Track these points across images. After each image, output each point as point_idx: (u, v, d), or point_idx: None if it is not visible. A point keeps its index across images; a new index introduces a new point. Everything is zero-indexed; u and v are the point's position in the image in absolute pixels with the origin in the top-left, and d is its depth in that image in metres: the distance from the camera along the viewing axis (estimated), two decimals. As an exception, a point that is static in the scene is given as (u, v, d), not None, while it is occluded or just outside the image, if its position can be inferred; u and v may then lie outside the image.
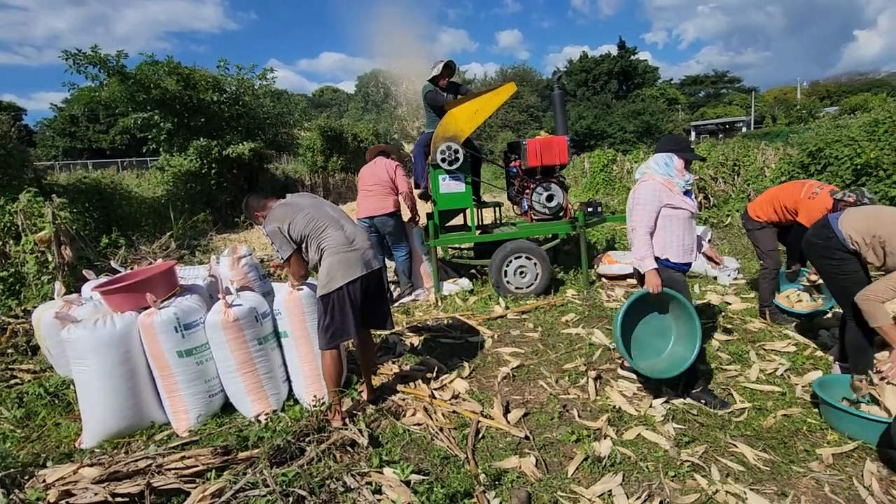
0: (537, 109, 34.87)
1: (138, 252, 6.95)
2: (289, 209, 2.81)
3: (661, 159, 2.85)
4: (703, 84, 56.45)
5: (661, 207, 2.79)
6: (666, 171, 2.82)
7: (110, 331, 2.72)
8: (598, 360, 3.54)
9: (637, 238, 2.80)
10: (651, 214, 2.79)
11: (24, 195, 5.42)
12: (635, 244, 2.81)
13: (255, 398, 2.92)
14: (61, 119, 33.40)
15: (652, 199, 2.78)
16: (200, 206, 10.91)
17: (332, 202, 3.08)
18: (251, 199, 2.97)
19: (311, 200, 2.93)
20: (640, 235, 2.78)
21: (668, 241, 2.82)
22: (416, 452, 2.56)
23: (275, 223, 2.75)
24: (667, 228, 2.81)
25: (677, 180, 2.81)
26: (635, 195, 2.85)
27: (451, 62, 5.23)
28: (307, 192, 3.20)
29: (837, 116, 10.94)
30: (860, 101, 31.56)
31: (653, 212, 2.79)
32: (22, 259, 5.05)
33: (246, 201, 2.98)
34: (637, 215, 2.81)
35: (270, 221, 2.78)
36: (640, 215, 2.80)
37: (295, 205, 2.85)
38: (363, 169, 5.15)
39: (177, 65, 11.12)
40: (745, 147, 10.42)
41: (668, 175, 2.81)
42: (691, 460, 2.36)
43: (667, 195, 2.79)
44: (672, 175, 2.81)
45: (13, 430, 2.99)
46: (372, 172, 5.02)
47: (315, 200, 2.95)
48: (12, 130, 8.01)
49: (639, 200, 2.82)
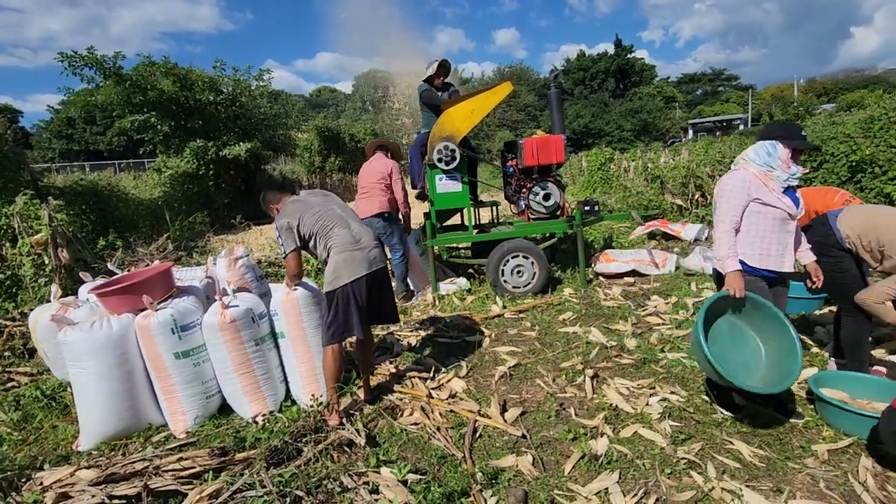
0: (535, 108, 34.86)
1: (135, 254, 6.94)
2: (300, 206, 2.90)
3: (763, 148, 2.50)
4: (700, 82, 56.59)
5: (750, 202, 2.46)
6: (765, 162, 2.48)
7: (107, 333, 2.72)
8: (595, 358, 3.55)
9: (719, 234, 2.47)
10: (736, 209, 2.45)
11: (21, 197, 5.41)
12: (717, 241, 2.50)
13: (252, 399, 2.92)
14: (58, 121, 33.35)
15: (739, 192, 2.46)
16: (197, 208, 10.90)
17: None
18: (268, 194, 3.15)
19: (321, 199, 3.01)
20: (722, 231, 2.47)
21: (748, 241, 2.49)
22: (413, 452, 2.56)
23: (285, 218, 2.85)
24: (750, 227, 2.49)
25: (779, 173, 2.46)
26: (721, 186, 2.54)
27: (445, 61, 5.23)
28: (319, 190, 3.29)
29: (834, 113, 10.98)
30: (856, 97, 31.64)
31: (738, 206, 2.45)
32: (18, 262, 5.04)
33: (263, 195, 3.16)
34: (720, 209, 2.49)
35: (282, 216, 2.88)
36: (723, 209, 2.48)
37: (306, 202, 2.94)
38: (363, 167, 5.07)
39: (173, 65, 11.11)
40: (743, 145, 10.47)
41: (768, 166, 2.47)
42: (687, 457, 2.36)
43: (758, 189, 2.45)
44: (773, 166, 2.46)
45: (10, 432, 2.98)
46: (370, 171, 4.96)
47: (325, 199, 3.03)
48: (8, 133, 8.00)
49: (723, 192, 2.50)
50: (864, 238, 2.74)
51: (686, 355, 3.44)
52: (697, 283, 5.04)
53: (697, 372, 3.23)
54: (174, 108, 11.08)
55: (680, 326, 3.99)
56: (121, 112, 11.14)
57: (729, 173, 2.57)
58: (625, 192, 10.35)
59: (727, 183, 2.51)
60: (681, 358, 3.41)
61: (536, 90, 35.44)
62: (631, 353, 3.56)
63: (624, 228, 8.04)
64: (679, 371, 3.26)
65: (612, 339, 3.83)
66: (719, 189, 2.55)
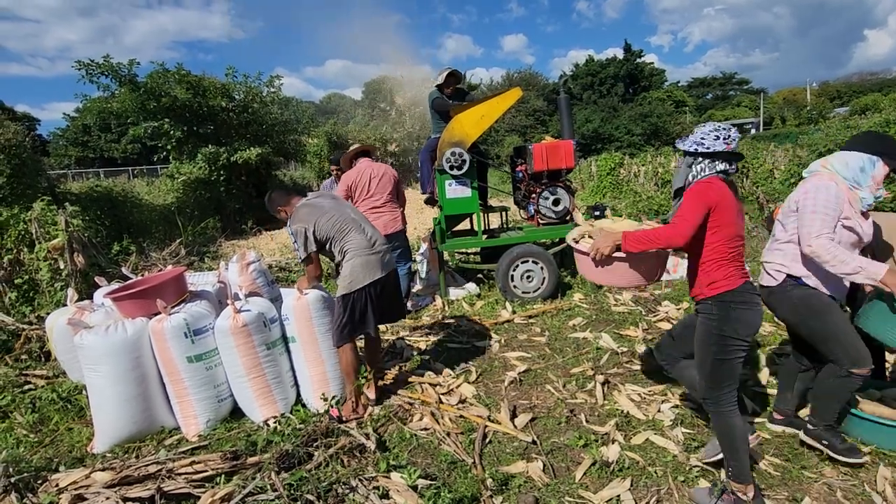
0: (543, 113, 34.77)
1: (149, 259, 7.03)
2: (313, 211, 2.90)
3: (858, 161, 2.19)
4: (710, 86, 56.19)
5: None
6: (854, 177, 2.18)
7: (122, 336, 2.75)
8: (606, 364, 3.52)
9: (826, 250, 2.07)
10: (831, 225, 2.13)
11: (38, 203, 5.52)
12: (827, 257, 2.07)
13: (263, 403, 2.94)
14: (74, 129, 33.99)
15: (835, 207, 2.14)
16: (209, 213, 11.03)
17: None
18: (275, 194, 3.08)
19: (332, 202, 3.02)
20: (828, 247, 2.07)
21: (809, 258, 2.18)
22: (423, 457, 2.56)
23: (300, 224, 2.85)
24: None
25: (865, 194, 2.19)
26: (812, 199, 2.17)
27: (455, 71, 5.24)
28: (327, 192, 3.30)
29: (848, 117, 10.83)
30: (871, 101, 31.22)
31: (834, 221, 2.14)
32: (35, 266, 5.13)
33: (270, 195, 3.08)
34: (814, 223, 2.12)
35: (295, 221, 2.88)
36: (818, 223, 2.11)
37: (318, 206, 2.94)
38: (361, 176, 4.52)
39: (186, 73, 11.29)
40: (755, 149, 10.36)
41: (855, 183, 2.19)
42: (700, 465, 2.34)
43: (847, 208, 2.17)
44: (861, 185, 2.18)
45: (27, 434, 3.03)
46: (380, 181, 4.54)
47: (336, 202, 3.05)
48: (27, 140, 8.16)
49: (817, 205, 2.14)
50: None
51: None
52: (709, 289, 4.99)
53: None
54: (187, 114, 11.26)
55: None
56: (135, 118, 11.33)
57: (815, 182, 2.22)
58: (635, 197, 10.29)
59: (822, 196, 2.15)
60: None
61: (545, 95, 35.34)
62: (642, 359, 3.54)
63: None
64: (691, 377, 3.22)
65: (622, 344, 3.80)
66: (806, 200, 2.18)
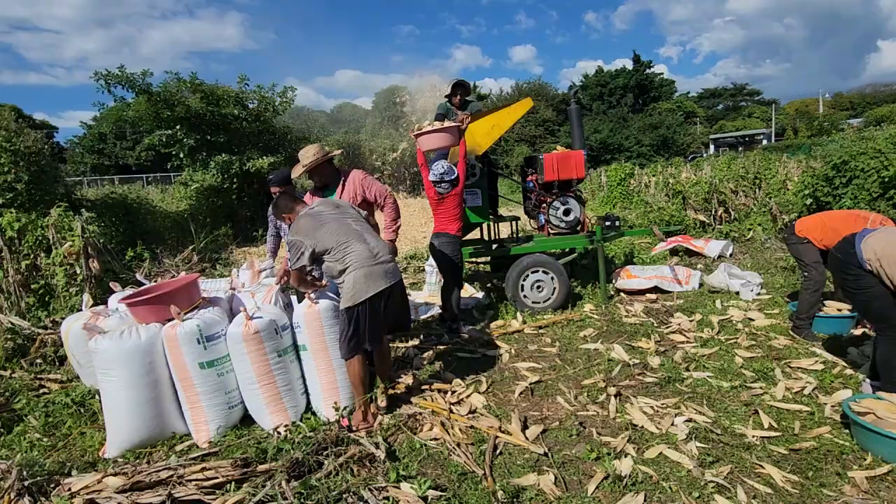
0: (553, 123, 34.77)
1: (162, 265, 7.11)
2: (313, 222, 2.88)
3: None
4: (721, 97, 55.97)
5: None
6: None
7: (136, 342, 2.78)
8: (618, 376, 3.48)
9: None
10: None
11: (55, 210, 5.63)
12: None
13: (273, 410, 2.94)
14: (90, 136, 34.65)
15: None
16: (222, 220, 11.15)
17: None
18: (281, 200, 3.09)
19: (335, 212, 2.98)
20: None
21: None
22: (433, 468, 2.54)
23: (298, 236, 2.84)
24: None
25: None
26: None
27: (461, 81, 5.24)
28: (331, 200, 3.25)
29: (863, 128, 10.72)
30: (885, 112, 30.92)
31: None
32: (52, 271, 5.22)
33: (276, 201, 3.10)
34: None
35: (295, 232, 2.87)
36: None
37: (319, 217, 2.91)
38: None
39: (200, 83, 11.50)
40: (767, 160, 10.28)
41: None
42: (716, 481, 2.29)
43: None
44: None
45: (40, 438, 3.06)
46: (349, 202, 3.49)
47: (338, 212, 2.99)
48: (45, 148, 8.33)
49: None
50: (884, 261, 2.67)
51: (713, 374, 3.36)
52: (722, 301, 4.93)
53: (724, 392, 3.15)
54: (201, 124, 11.44)
55: (705, 345, 3.90)
56: (150, 127, 11.54)
57: None
58: (646, 208, 10.24)
59: None
60: (706, 377, 3.33)
61: (555, 105, 35.37)
62: (654, 372, 3.49)
63: (645, 244, 7.94)
64: (705, 391, 3.18)
65: (634, 356, 3.76)
66: None
